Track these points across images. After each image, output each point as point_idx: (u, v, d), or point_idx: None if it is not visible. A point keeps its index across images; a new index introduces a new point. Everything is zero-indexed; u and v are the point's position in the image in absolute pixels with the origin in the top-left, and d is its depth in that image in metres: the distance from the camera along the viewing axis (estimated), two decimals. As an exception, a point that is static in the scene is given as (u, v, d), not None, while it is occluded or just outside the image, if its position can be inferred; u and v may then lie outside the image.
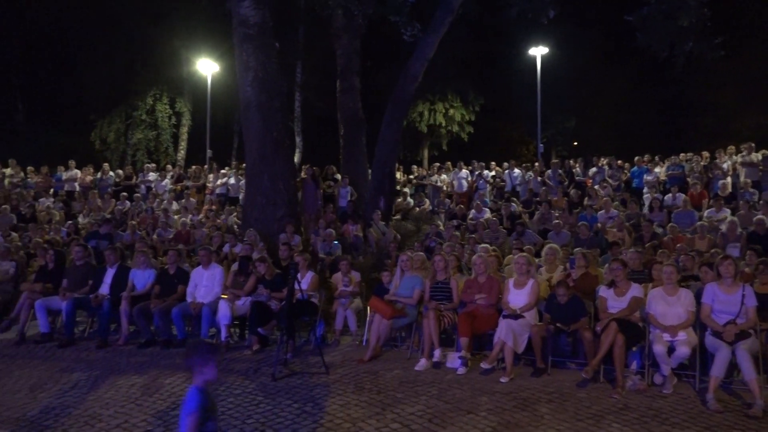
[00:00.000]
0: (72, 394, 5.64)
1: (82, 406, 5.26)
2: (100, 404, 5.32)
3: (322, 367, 6.39)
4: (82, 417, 4.99)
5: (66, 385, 5.92)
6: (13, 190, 16.29)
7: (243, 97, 11.65)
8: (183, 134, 27.07)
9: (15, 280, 9.09)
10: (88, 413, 5.09)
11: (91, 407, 5.24)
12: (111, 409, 5.20)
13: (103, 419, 4.94)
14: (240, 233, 11.42)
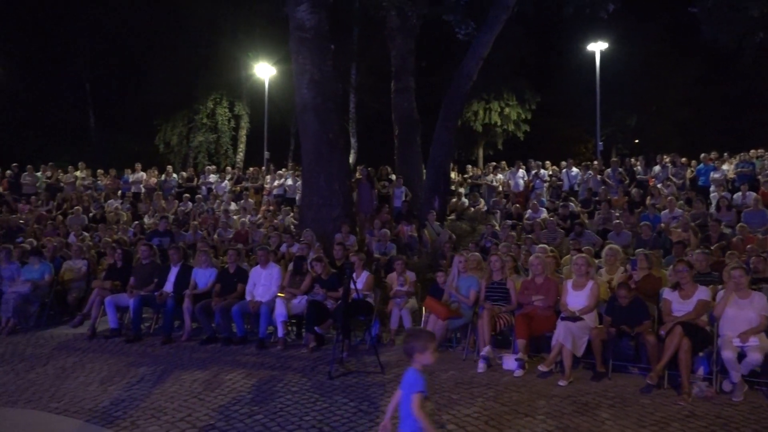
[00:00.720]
0: (139, 387, 5.87)
1: (148, 399, 5.47)
2: (165, 398, 5.52)
3: (378, 366, 6.42)
4: (149, 409, 5.19)
5: (133, 378, 6.17)
6: (85, 192, 17.11)
7: (299, 100, 11.85)
8: (242, 137, 27.79)
9: (87, 278, 9.54)
10: (154, 406, 5.28)
11: (156, 400, 5.44)
12: (175, 402, 5.39)
13: (168, 412, 5.13)
14: (296, 233, 11.62)
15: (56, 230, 12.78)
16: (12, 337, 8.09)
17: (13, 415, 5.09)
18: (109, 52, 28.81)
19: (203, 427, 4.78)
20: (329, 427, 4.81)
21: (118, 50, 28.43)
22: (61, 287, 9.35)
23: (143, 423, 4.87)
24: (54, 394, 5.60)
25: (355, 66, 25.53)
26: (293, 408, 5.24)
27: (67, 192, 17.08)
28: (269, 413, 5.10)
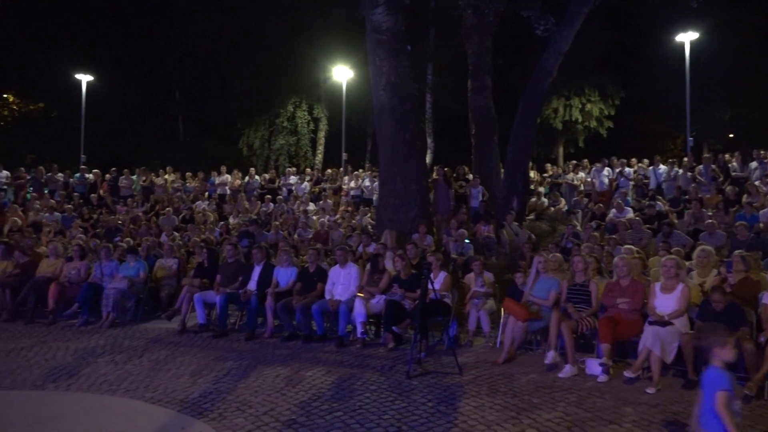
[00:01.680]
0: (225, 380, 6.13)
1: (234, 393, 5.70)
2: (250, 392, 5.73)
3: (456, 367, 6.39)
4: (235, 402, 5.41)
5: (220, 372, 6.45)
6: (175, 194, 18.05)
7: (376, 102, 11.96)
8: (320, 139, 28.42)
9: (177, 276, 10.07)
10: (240, 399, 5.50)
11: (242, 394, 5.66)
12: (259, 396, 5.58)
13: (252, 406, 5.32)
14: (374, 233, 11.74)
15: (150, 230, 13.55)
16: (111, 330, 8.67)
17: (114, 402, 5.45)
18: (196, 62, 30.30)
19: (286, 422, 4.92)
20: (407, 427, 4.83)
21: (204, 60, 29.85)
22: (154, 284, 9.92)
23: (230, 415, 5.07)
24: (149, 385, 5.95)
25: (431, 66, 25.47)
26: (372, 406, 5.30)
27: (159, 194, 18.07)
28: (349, 410, 5.19)
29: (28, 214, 15.50)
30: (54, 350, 7.41)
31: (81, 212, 16.02)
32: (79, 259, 9.88)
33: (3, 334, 8.31)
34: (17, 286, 9.51)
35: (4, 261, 9.78)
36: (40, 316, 9.27)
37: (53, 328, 8.79)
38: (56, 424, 4.88)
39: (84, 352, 7.34)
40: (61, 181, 18.58)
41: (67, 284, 9.50)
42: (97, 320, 9.03)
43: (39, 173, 18.90)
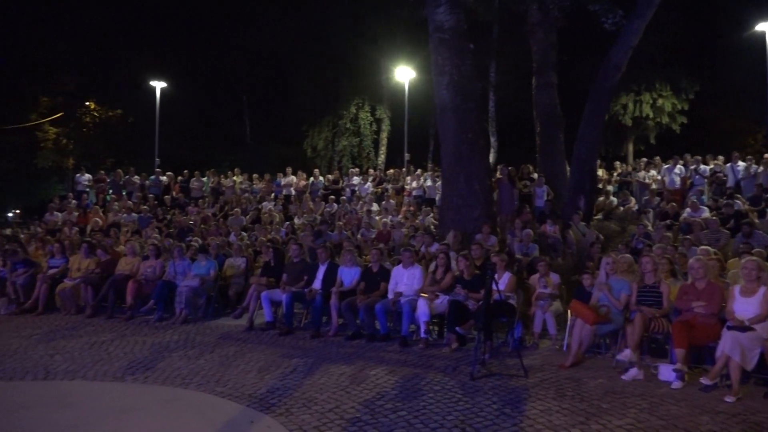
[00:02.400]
0: (291, 377, 6.27)
1: (300, 390, 5.82)
2: (315, 389, 5.84)
3: (521, 369, 6.29)
4: (300, 399, 5.52)
5: (287, 369, 6.60)
6: (242, 195, 18.60)
7: (439, 101, 11.93)
8: (383, 139, 28.58)
9: (245, 274, 10.39)
10: (305, 396, 5.61)
11: (307, 391, 5.77)
12: (324, 394, 5.68)
13: (318, 403, 5.42)
14: (437, 234, 11.71)
15: (219, 230, 14.03)
16: (184, 326, 9.03)
17: (187, 395, 5.68)
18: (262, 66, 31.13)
19: (350, 419, 4.99)
20: (472, 429, 4.80)
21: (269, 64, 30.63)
22: (223, 282, 10.26)
23: (296, 411, 5.18)
24: (219, 379, 6.16)
25: (494, 64, 25.19)
26: (436, 407, 5.29)
27: (228, 195, 18.68)
28: (413, 410, 5.20)
29: (108, 215, 16.39)
30: (132, 344, 7.80)
31: (156, 213, 16.79)
32: (155, 257, 10.35)
33: (86, 328, 8.82)
34: (99, 283, 10.06)
35: (87, 259, 10.36)
36: (119, 311, 9.79)
37: (131, 323, 9.25)
38: (135, 414, 5.13)
39: (159, 346, 7.69)
40: (137, 184, 19.53)
41: (143, 282, 9.97)
42: (171, 316, 9.44)
43: (118, 176, 19.94)
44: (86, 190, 19.68)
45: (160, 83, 27.02)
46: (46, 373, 6.43)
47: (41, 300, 10.08)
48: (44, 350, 7.43)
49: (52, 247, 11.07)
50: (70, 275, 10.31)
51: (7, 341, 7.94)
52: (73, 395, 5.65)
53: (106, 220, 15.90)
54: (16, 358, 7.05)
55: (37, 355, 7.17)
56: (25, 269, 10.44)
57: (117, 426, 4.82)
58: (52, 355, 7.19)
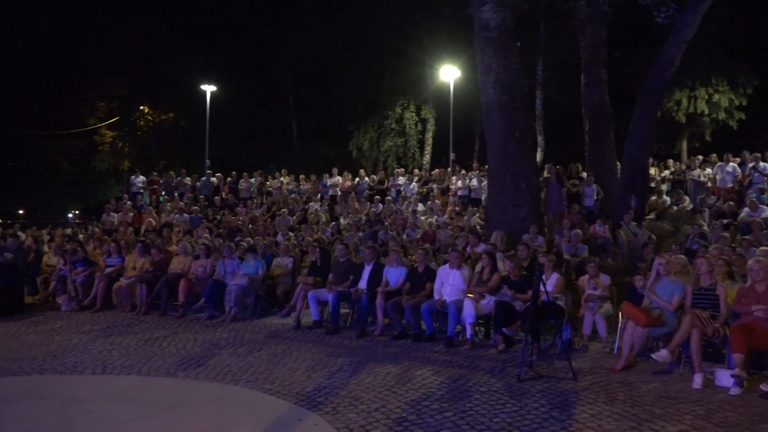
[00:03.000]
0: (338, 376, 6.32)
1: (346, 388, 5.87)
2: (361, 388, 5.87)
3: (570, 372, 6.17)
4: (347, 398, 5.57)
5: (333, 367, 6.67)
6: (289, 195, 18.88)
7: (485, 100, 11.82)
8: (428, 139, 28.53)
9: (292, 274, 10.54)
10: (352, 395, 5.65)
11: (353, 390, 5.82)
12: (370, 393, 5.71)
13: (364, 402, 5.45)
14: (483, 234, 11.60)
15: (267, 230, 14.27)
16: (233, 324, 9.23)
17: (237, 392, 5.80)
18: (308, 68, 31.53)
19: (396, 419, 5.00)
20: (519, 431, 4.74)
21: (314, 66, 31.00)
22: (271, 281, 10.44)
23: (343, 410, 5.23)
24: (268, 377, 6.27)
25: (541, 61, 24.81)
26: (482, 408, 5.25)
27: (275, 196, 18.99)
28: (459, 411, 5.17)
29: (160, 216, 16.89)
30: (184, 341, 8.02)
31: (206, 213, 17.21)
32: (205, 257, 10.62)
33: (140, 325, 9.13)
34: (152, 282, 10.38)
35: (141, 258, 10.71)
36: (172, 309, 10.08)
37: (183, 320, 9.52)
38: (187, 409, 5.28)
39: (210, 343, 7.88)
40: (188, 185, 20.08)
41: (194, 280, 10.24)
42: (221, 314, 9.66)
43: (170, 178, 20.54)
44: (140, 192, 20.37)
45: (210, 87, 27.70)
46: (103, 367, 6.68)
47: (99, 297, 10.48)
48: (102, 346, 7.72)
49: (109, 246, 11.49)
50: (125, 274, 10.68)
51: (67, 336, 8.29)
52: (129, 389, 5.86)
53: (159, 221, 16.41)
54: (76, 352, 7.35)
55: (96, 350, 7.46)
56: (84, 268, 10.88)
57: (170, 420, 4.97)
58: (110, 350, 7.47)
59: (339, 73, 29.75)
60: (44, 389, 5.86)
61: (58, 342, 7.93)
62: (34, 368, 6.63)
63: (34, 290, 11.65)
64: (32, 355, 7.21)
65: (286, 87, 32.95)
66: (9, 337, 8.31)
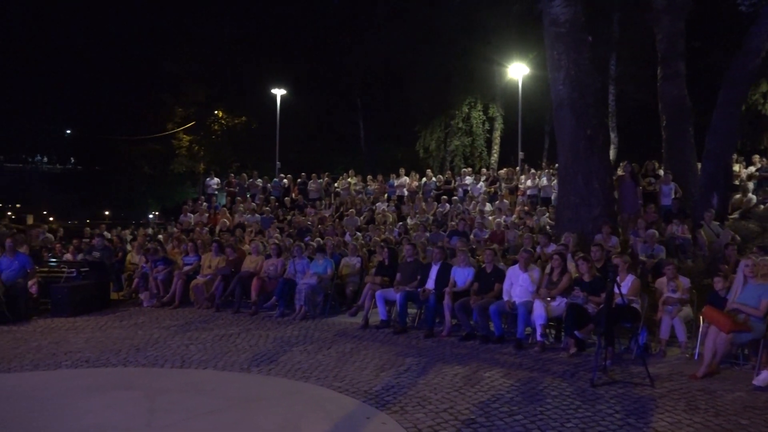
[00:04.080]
0: (406, 376, 6.35)
1: (414, 388, 5.89)
2: (429, 388, 5.87)
3: (647, 378, 5.94)
4: (415, 398, 5.58)
5: (401, 367, 6.70)
6: (357, 196, 19.10)
7: (555, 97, 11.55)
8: (496, 138, 28.14)
9: (360, 273, 10.66)
10: (420, 395, 5.66)
11: (421, 390, 5.82)
12: (438, 393, 5.70)
13: (432, 402, 5.45)
14: (552, 234, 11.34)
15: (335, 230, 14.49)
16: (303, 322, 9.44)
17: (307, 389, 5.93)
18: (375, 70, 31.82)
19: (465, 421, 4.97)
20: (592, 437, 4.61)
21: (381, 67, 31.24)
22: (339, 281, 10.60)
23: (411, 409, 5.25)
24: (337, 375, 6.38)
25: (615, 55, 23.96)
26: (553, 413, 5.14)
27: (343, 196, 19.26)
28: (529, 415, 5.08)
29: (234, 216, 17.48)
30: (256, 338, 8.28)
31: (277, 214, 17.68)
32: (276, 256, 10.90)
33: (216, 321, 9.48)
34: (227, 280, 10.76)
35: (216, 257, 11.12)
36: (245, 306, 10.41)
37: (255, 317, 9.82)
38: (260, 403, 5.45)
39: (281, 340, 8.09)
40: (260, 186, 20.69)
41: (266, 279, 10.54)
42: (291, 312, 9.90)
43: (242, 179, 21.22)
44: (215, 193, 21.16)
45: (280, 91, 28.42)
46: (182, 361, 6.99)
47: (177, 294, 10.96)
48: (180, 341, 8.08)
49: (186, 246, 12.00)
50: (202, 272, 11.13)
51: (149, 331, 8.73)
52: (206, 383, 6.10)
53: (233, 221, 16.98)
54: (157, 346, 7.73)
55: (175, 345, 7.81)
56: (165, 266, 11.40)
57: (244, 414, 5.14)
58: (188, 345, 7.81)
59: (406, 73, 29.85)
60: (129, 380, 6.19)
61: (141, 336, 8.36)
62: (119, 360, 7.03)
63: (119, 287, 12.35)
64: (118, 348, 7.64)
65: (354, 89, 33.38)
66: (97, 330, 8.84)
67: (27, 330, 8.85)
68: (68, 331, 8.75)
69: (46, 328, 8.99)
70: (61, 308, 9.96)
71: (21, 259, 10.01)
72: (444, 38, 27.16)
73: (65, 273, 10.99)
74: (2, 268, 9.83)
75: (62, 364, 6.85)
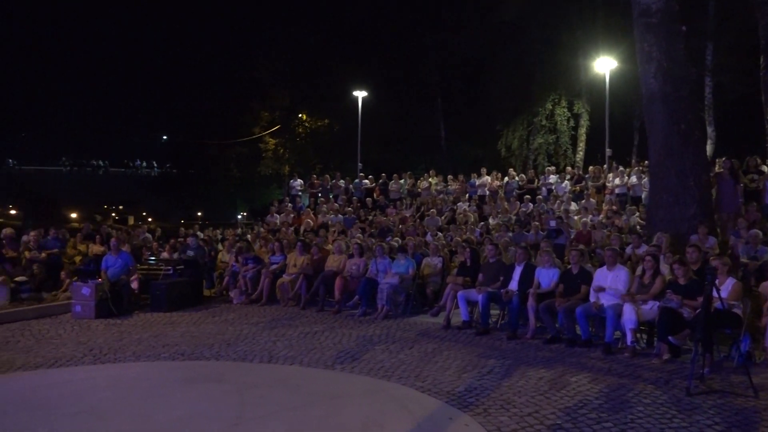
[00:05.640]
0: (488, 378, 6.27)
1: (497, 391, 5.80)
2: (513, 391, 5.77)
3: (750, 388, 5.56)
4: (498, 401, 5.50)
5: (483, 369, 6.62)
6: (438, 196, 19.06)
7: (645, 91, 11.05)
8: (581, 135, 27.25)
9: (442, 273, 10.64)
10: (503, 398, 5.57)
11: (505, 393, 5.73)
12: (523, 397, 5.59)
13: (516, 406, 5.35)
14: (644, 234, 10.84)
15: (416, 230, 14.54)
16: (385, 321, 9.54)
17: (389, 387, 5.99)
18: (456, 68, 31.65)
19: (551, 426, 4.84)
20: (689, 448, 4.37)
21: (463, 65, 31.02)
22: (421, 281, 10.62)
23: (494, 412, 5.18)
24: (419, 375, 6.39)
25: (711, 45, 22.58)
26: (646, 421, 4.91)
27: (424, 197, 19.28)
28: (619, 423, 4.88)
29: (317, 217, 17.93)
30: (340, 336, 8.45)
31: (359, 214, 17.97)
32: (359, 256, 11.08)
33: (301, 319, 9.76)
34: (311, 278, 11.05)
35: (301, 256, 11.45)
36: (328, 304, 10.66)
37: (338, 316, 10.03)
38: (343, 400, 5.55)
39: (363, 339, 8.21)
40: (342, 187, 21.09)
41: (349, 278, 10.73)
42: (373, 311, 10.04)
43: (325, 180, 21.71)
44: (299, 194, 21.78)
45: (361, 93, 28.83)
46: (269, 357, 7.25)
47: (265, 292, 11.37)
48: (268, 337, 8.38)
49: (273, 245, 12.42)
50: (287, 271, 11.48)
51: (239, 327, 9.11)
52: (292, 378, 6.30)
53: (317, 221, 17.41)
54: (246, 342, 8.06)
55: (263, 341, 8.11)
56: (254, 265, 11.86)
57: (329, 410, 5.26)
58: (275, 341, 8.08)
59: (487, 71, 29.49)
60: (220, 374, 6.49)
61: (231, 332, 8.74)
62: (212, 354, 7.38)
63: (211, 284, 12.98)
64: (210, 342, 8.02)
65: (434, 89, 33.35)
66: (192, 325, 9.33)
67: (129, 323, 9.48)
68: (165, 325, 9.29)
69: (146, 322, 9.59)
70: (160, 304, 10.59)
71: (124, 257, 10.74)
72: (526, 33, 26.61)
73: (163, 270, 11.67)
74: (108, 265, 10.60)
75: (161, 356, 7.28)
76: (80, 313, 9.89)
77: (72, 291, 10.21)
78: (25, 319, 9.67)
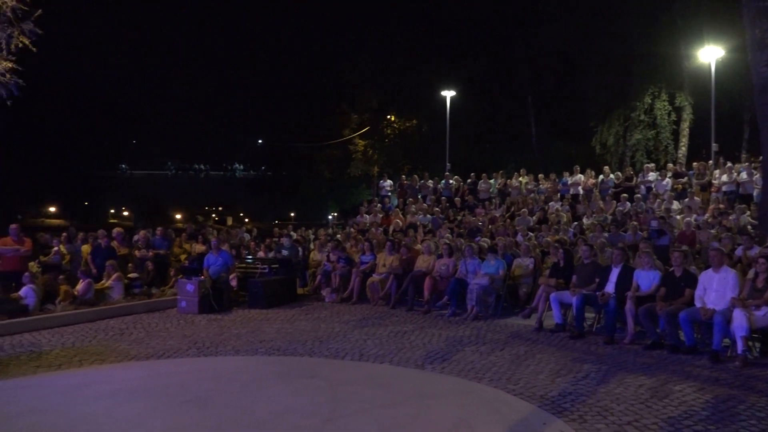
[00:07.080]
0: (584, 383, 6.06)
1: (594, 397, 5.59)
2: (611, 398, 5.54)
3: None
4: (595, 407, 5.30)
5: (579, 374, 6.41)
6: (528, 195, 18.62)
7: (757, 81, 10.29)
8: (684, 130, 25.70)
9: (534, 274, 10.40)
10: (600, 405, 5.36)
11: (602, 399, 5.51)
12: (621, 405, 5.35)
13: (614, 413, 5.13)
14: (756, 234, 10.07)
15: (506, 230, 14.28)
16: (475, 322, 9.45)
17: (480, 389, 5.93)
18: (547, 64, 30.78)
19: (652, 435, 4.62)
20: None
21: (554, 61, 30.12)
22: (512, 282, 10.43)
23: (591, 419, 5.00)
24: (510, 377, 6.28)
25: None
26: (759, 435, 4.57)
27: (514, 196, 18.90)
28: (728, 436, 4.58)
29: (406, 217, 18.03)
30: (429, 336, 8.46)
31: (447, 214, 17.89)
32: (448, 256, 11.04)
33: (390, 318, 9.87)
34: (401, 278, 11.14)
35: (390, 256, 11.57)
36: (417, 304, 10.71)
37: (428, 316, 10.05)
38: (434, 400, 5.56)
39: (453, 340, 8.18)
40: (430, 187, 21.09)
41: (438, 278, 10.72)
42: (462, 312, 9.98)
43: (414, 181, 21.80)
44: (388, 195, 21.99)
45: (449, 92, 28.70)
46: (360, 355, 7.38)
47: (355, 291, 11.60)
48: (359, 335, 8.53)
49: (363, 245, 12.63)
50: (377, 270, 11.64)
51: (330, 325, 9.35)
52: (382, 377, 6.38)
53: (405, 221, 17.51)
54: (338, 340, 8.25)
55: (354, 339, 8.27)
56: (345, 264, 12.12)
57: (419, 409, 5.28)
58: (365, 339, 8.22)
59: (580, 65, 28.48)
60: (313, 370, 6.68)
61: (324, 329, 8.98)
62: (305, 350, 7.62)
63: (304, 283, 13.39)
64: (303, 339, 8.28)
65: (524, 85, 32.65)
66: (286, 322, 9.68)
67: (229, 319, 9.97)
68: (262, 322, 9.69)
69: (245, 318, 10.04)
70: (257, 301, 11.06)
71: (224, 256, 11.31)
72: (622, 24, 25.41)
73: (259, 269, 12.18)
74: (209, 263, 11.19)
75: (258, 351, 7.61)
76: (185, 308, 10.54)
77: (177, 287, 10.90)
78: (136, 312, 10.44)
